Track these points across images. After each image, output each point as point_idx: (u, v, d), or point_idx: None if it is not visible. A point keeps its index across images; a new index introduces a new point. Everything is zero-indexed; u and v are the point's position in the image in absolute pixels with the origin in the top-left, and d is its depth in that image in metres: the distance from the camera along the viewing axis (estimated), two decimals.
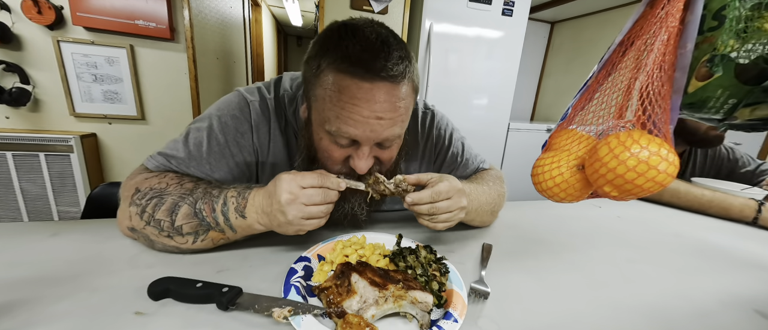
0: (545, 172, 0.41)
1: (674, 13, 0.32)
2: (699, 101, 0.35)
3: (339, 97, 0.40)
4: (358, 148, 0.44)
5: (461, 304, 0.36)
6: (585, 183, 0.39)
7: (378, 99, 0.40)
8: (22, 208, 1.53)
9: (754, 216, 0.76)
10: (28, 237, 0.47)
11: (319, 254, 0.46)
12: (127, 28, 1.52)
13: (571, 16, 2.63)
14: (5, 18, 1.38)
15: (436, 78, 1.84)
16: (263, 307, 0.33)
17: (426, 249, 0.46)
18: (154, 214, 0.42)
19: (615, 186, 0.34)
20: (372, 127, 0.41)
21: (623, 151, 0.32)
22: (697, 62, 0.33)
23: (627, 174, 0.32)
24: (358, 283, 0.36)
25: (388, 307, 0.34)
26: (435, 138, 0.64)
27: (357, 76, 0.39)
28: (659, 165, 0.31)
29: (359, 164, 0.44)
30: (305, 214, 0.39)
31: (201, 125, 0.50)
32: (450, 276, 0.41)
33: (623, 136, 0.33)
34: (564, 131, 0.44)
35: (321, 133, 0.45)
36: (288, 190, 0.39)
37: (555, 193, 0.41)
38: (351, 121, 0.40)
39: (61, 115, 1.57)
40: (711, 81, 0.33)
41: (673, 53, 0.33)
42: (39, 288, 0.35)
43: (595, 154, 0.35)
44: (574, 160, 0.40)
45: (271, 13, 4.21)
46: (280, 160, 0.56)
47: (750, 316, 0.41)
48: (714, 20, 0.32)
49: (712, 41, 0.32)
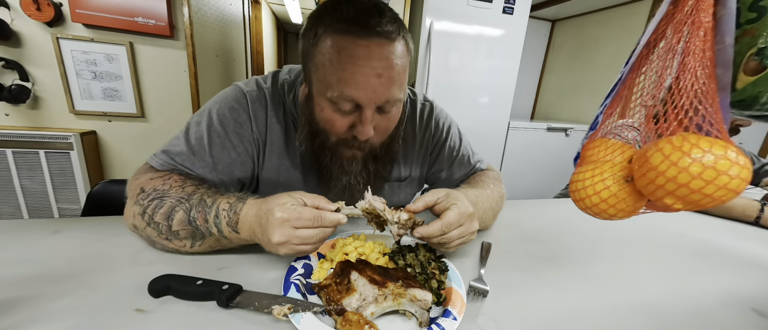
0: (587, 187, 0.36)
1: (705, 8, 0.30)
2: (750, 98, 0.32)
3: (338, 58, 0.41)
4: (361, 113, 0.44)
5: (460, 302, 0.36)
6: (637, 196, 0.35)
7: (375, 56, 0.41)
8: (22, 206, 1.53)
9: (756, 216, 0.76)
10: (30, 234, 0.47)
11: (318, 252, 0.46)
12: (127, 25, 1.51)
13: (572, 14, 2.62)
14: (4, 15, 1.38)
15: (437, 76, 1.84)
16: (263, 304, 0.33)
17: (425, 247, 0.46)
18: (154, 216, 0.42)
19: (678, 197, 0.29)
20: (373, 87, 0.42)
21: (682, 157, 0.28)
22: (740, 57, 0.31)
23: (692, 182, 0.28)
24: (358, 281, 0.36)
25: (388, 304, 0.34)
26: (433, 129, 0.64)
27: (353, 34, 0.40)
28: (730, 169, 0.27)
29: (364, 129, 0.45)
30: (296, 252, 0.38)
31: (200, 119, 0.50)
32: (449, 274, 0.41)
33: (678, 140, 0.29)
34: (597, 141, 0.40)
35: (323, 103, 0.45)
36: (281, 232, 0.36)
37: (602, 210, 0.36)
38: (352, 82, 0.41)
39: (61, 113, 1.57)
40: (762, 75, 0.30)
41: (711, 49, 0.30)
42: (40, 285, 0.36)
43: (646, 162, 0.31)
44: (619, 171, 0.35)
45: (270, 11, 4.20)
46: (279, 149, 0.56)
47: (748, 315, 0.41)
48: (751, 12, 0.30)
49: (754, 34, 0.30)
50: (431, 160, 0.66)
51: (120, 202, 0.47)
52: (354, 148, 0.50)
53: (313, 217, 0.37)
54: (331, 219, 0.38)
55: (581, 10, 2.52)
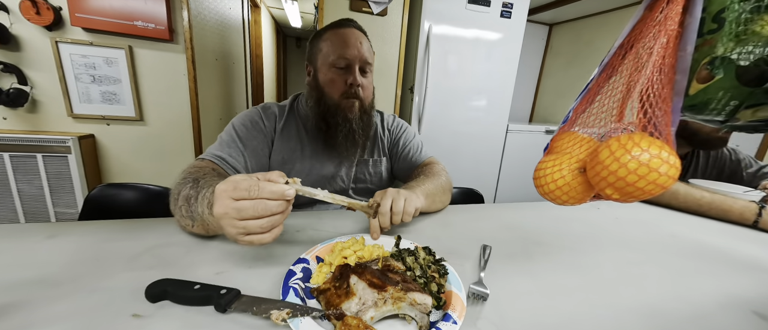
0: (547, 175, 0.41)
1: (673, 16, 0.32)
2: (700, 103, 0.35)
3: (333, 39, 0.71)
4: (351, 69, 0.70)
5: (460, 305, 0.36)
6: (587, 185, 0.39)
7: (355, 35, 0.71)
8: (19, 210, 1.52)
9: (754, 219, 0.75)
10: (26, 238, 0.46)
11: (317, 256, 0.45)
12: (126, 29, 1.51)
13: (570, 18, 2.64)
14: (3, 19, 1.38)
15: (435, 79, 1.84)
16: (261, 309, 0.33)
17: (425, 250, 0.46)
18: (176, 193, 0.49)
19: (616, 188, 0.34)
20: (357, 49, 0.70)
21: (624, 154, 0.32)
22: (697, 65, 0.33)
23: (628, 176, 0.32)
24: (357, 285, 0.35)
25: (387, 308, 0.33)
26: (395, 126, 0.92)
27: (340, 27, 0.72)
28: (660, 167, 0.31)
29: (354, 76, 0.70)
30: (241, 229, 0.36)
31: (228, 128, 0.71)
32: (449, 277, 0.41)
33: (624, 138, 0.33)
34: (565, 134, 0.44)
35: (325, 69, 0.71)
36: (219, 203, 0.35)
37: (557, 196, 0.41)
38: (345, 47, 0.69)
39: (59, 116, 1.56)
40: (712, 83, 0.33)
41: (673, 56, 0.33)
42: (36, 290, 0.35)
43: (596, 156, 0.35)
44: (575, 163, 0.40)
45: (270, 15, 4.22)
46: (288, 135, 0.77)
47: (748, 318, 0.41)
48: (713, 23, 0.32)
49: (712, 44, 0.32)
50: (392, 144, 0.91)
51: (118, 206, 0.47)
52: (351, 97, 0.72)
53: (248, 186, 0.35)
54: (270, 190, 0.36)
55: (578, 14, 2.54)
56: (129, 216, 0.56)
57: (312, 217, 0.63)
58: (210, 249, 0.47)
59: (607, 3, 2.26)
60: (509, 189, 2.28)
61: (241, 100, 2.80)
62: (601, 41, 2.45)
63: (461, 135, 2.00)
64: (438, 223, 0.65)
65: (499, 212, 0.75)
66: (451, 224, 0.65)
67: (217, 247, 0.47)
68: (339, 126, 0.73)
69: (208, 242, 0.49)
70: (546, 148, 0.47)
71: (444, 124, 1.93)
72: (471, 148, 2.05)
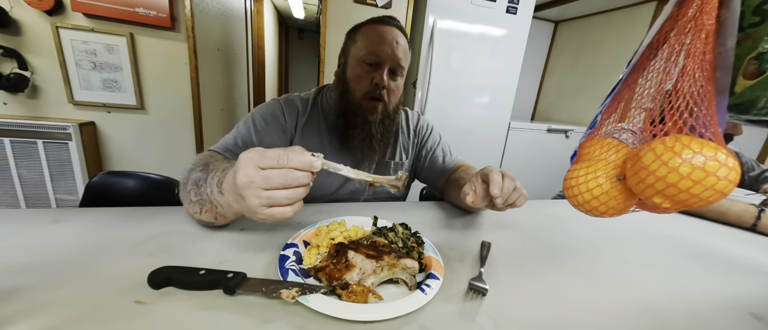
0: (581, 184, 0.37)
1: (709, 11, 0.30)
2: (748, 101, 0.32)
3: (371, 33, 0.66)
4: (380, 68, 0.66)
5: (438, 265, 0.43)
6: (628, 194, 0.35)
7: (392, 34, 0.66)
8: (20, 195, 1.52)
9: (752, 222, 0.75)
10: (28, 224, 0.47)
11: (304, 240, 0.47)
12: (128, 15, 1.50)
13: (576, 15, 2.61)
14: (3, 2, 1.36)
15: (439, 75, 1.83)
16: (270, 289, 0.34)
17: (402, 226, 0.52)
18: (185, 180, 0.48)
19: (667, 196, 0.30)
20: (391, 49, 0.65)
21: (673, 158, 0.29)
22: (740, 60, 0.31)
23: (681, 182, 0.28)
24: (356, 258, 0.39)
25: (385, 274, 0.38)
26: (421, 127, 0.87)
27: (377, 23, 0.68)
28: (718, 171, 0.27)
29: (381, 76, 0.65)
30: (265, 200, 0.34)
31: (246, 120, 0.68)
32: (425, 246, 0.47)
33: (670, 140, 0.30)
34: (595, 139, 0.41)
35: (354, 64, 0.67)
36: (244, 172, 0.34)
37: (594, 207, 0.37)
38: (378, 44, 0.65)
39: (60, 103, 1.56)
40: (761, 79, 0.30)
41: (712, 52, 0.30)
42: (38, 275, 0.35)
43: (638, 162, 0.32)
44: (613, 170, 0.36)
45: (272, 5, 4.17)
46: (310, 129, 0.72)
47: (745, 319, 0.41)
48: (755, 16, 0.30)
49: (756, 38, 0.30)
50: (418, 148, 0.86)
51: (118, 194, 0.47)
52: (374, 99, 0.67)
53: (277, 155, 0.34)
54: (299, 159, 0.34)
55: (585, 12, 2.51)
56: (129, 204, 0.56)
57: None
58: (211, 239, 0.47)
59: (615, 1, 2.23)
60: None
61: (243, 91, 2.78)
62: (607, 40, 2.42)
63: (463, 131, 2.00)
64: (438, 220, 0.65)
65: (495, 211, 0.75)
66: (452, 221, 0.65)
67: (219, 236, 0.48)
68: (357, 128, 0.68)
69: (210, 232, 0.49)
70: (574, 156, 0.44)
71: (446, 120, 1.93)
72: (472, 144, 2.05)
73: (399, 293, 0.38)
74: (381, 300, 0.35)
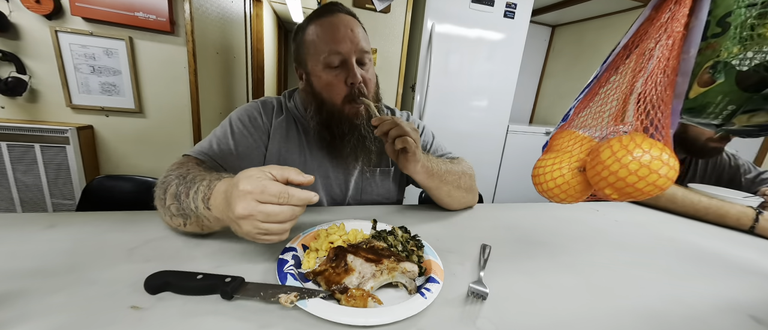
0: (546, 173, 0.41)
1: (679, 18, 0.32)
2: (699, 106, 0.35)
3: (321, 31, 0.59)
4: (347, 64, 0.59)
5: (438, 268, 0.42)
6: (585, 184, 0.39)
7: (343, 22, 0.59)
8: (16, 199, 1.51)
9: (750, 225, 0.75)
10: (25, 228, 0.46)
11: (302, 244, 0.47)
12: (127, 19, 1.50)
13: (573, 20, 2.64)
14: (3, 6, 1.36)
15: (437, 78, 1.84)
16: (269, 294, 0.34)
17: (401, 229, 0.52)
18: (164, 196, 0.46)
19: (615, 188, 0.34)
20: (350, 39, 0.58)
21: (625, 155, 0.32)
22: (699, 68, 0.34)
23: (628, 177, 0.32)
24: (355, 262, 0.39)
25: (384, 278, 0.38)
26: None
27: (326, 15, 0.60)
28: (660, 169, 0.31)
29: (353, 72, 0.59)
30: (261, 230, 0.36)
31: (224, 123, 0.65)
32: (425, 249, 0.47)
33: (626, 139, 0.33)
34: (565, 132, 0.45)
35: (318, 71, 0.61)
36: (243, 206, 0.34)
37: (555, 194, 0.41)
38: (335, 40, 0.58)
39: (58, 107, 1.55)
40: (712, 87, 0.33)
41: (676, 58, 0.33)
42: (35, 279, 0.35)
43: (597, 156, 0.36)
44: (575, 162, 0.40)
45: (272, 9, 4.19)
46: (281, 136, 0.68)
47: (744, 321, 0.41)
48: (718, 27, 0.32)
49: (716, 48, 0.32)
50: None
51: (116, 198, 0.47)
52: (355, 102, 0.62)
53: (278, 193, 0.35)
54: (299, 197, 0.36)
55: (581, 16, 2.54)
56: (126, 208, 0.56)
57: None
58: (209, 243, 0.47)
59: (611, 5, 2.26)
60: (509, 189, 2.28)
61: (242, 94, 2.78)
62: (604, 43, 2.44)
63: (462, 135, 2.00)
64: (438, 223, 0.65)
65: (499, 212, 0.75)
66: (451, 224, 0.65)
67: (216, 240, 0.47)
68: (345, 136, 0.64)
69: (207, 237, 0.48)
70: (545, 146, 0.47)
71: (445, 123, 1.93)
72: (471, 147, 2.05)
73: (399, 297, 0.38)
74: (380, 304, 0.35)
